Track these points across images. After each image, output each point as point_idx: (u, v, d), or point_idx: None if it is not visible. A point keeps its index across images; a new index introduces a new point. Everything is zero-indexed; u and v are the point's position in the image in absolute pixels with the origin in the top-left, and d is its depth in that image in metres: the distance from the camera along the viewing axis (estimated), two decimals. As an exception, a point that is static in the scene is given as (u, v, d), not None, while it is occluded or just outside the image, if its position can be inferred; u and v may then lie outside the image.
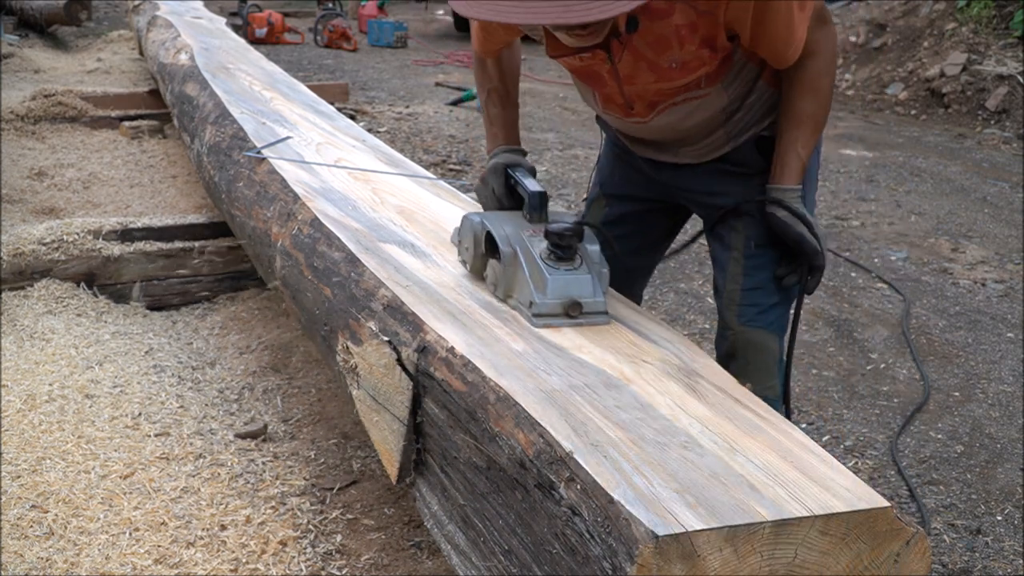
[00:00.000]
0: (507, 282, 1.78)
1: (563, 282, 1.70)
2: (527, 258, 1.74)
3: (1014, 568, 2.43)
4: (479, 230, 1.84)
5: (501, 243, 1.77)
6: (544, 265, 1.71)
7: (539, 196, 1.85)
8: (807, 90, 1.87)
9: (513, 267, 1.76)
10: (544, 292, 1.70)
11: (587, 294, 1.71)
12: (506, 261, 1.77)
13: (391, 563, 2.17)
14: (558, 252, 1.71)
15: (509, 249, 1.76)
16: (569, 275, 1.71)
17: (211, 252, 3.68)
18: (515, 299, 1.76)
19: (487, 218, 1.85)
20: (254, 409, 2.81)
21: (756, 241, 1.98)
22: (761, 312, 2.01)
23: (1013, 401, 3.30)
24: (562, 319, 1.70)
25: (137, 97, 6.52)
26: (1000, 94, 7.85)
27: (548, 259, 1.71)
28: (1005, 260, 4.77)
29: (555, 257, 1.71)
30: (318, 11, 12.29)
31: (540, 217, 1.83)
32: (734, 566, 1.14)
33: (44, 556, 2.08)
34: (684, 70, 1.79)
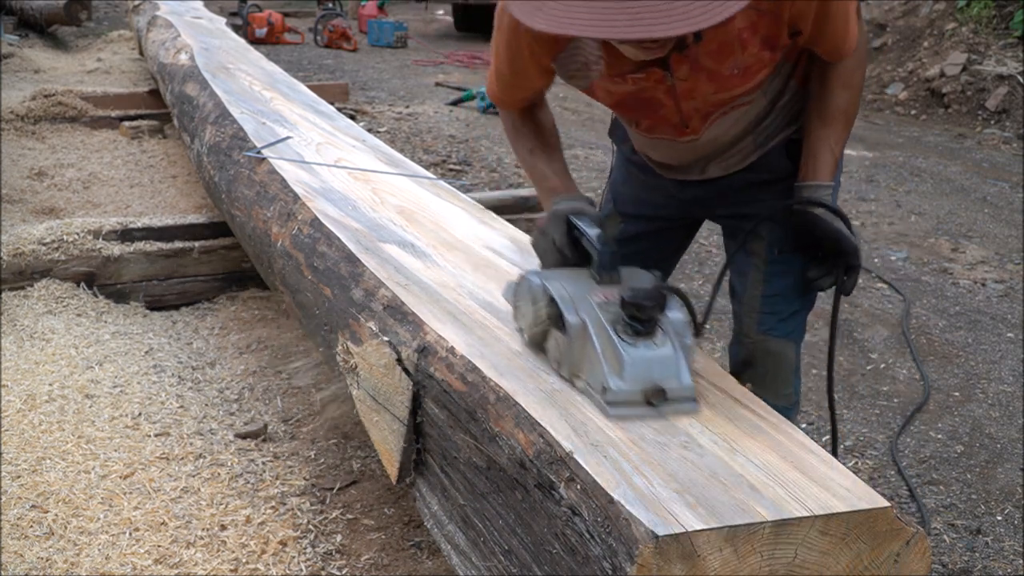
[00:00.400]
0: (574, 360, 1.47)
1: (643, 362, 1.41)
2: (598, 331, 1.44)
3: (1014, 568, 2.43)
4: (539, 294, 1.53)
5: (567, 312, 1.47)
6: (619, 341, 1.41)
7: (610, 253, 1.55)
8: (841, 85, 1.80)
9: (581, 342, 1.45)
10: (620, 375, 1.40)
11: (672, 376, 1.42)
12: (573, 335, 1.46)
13: (391, 563, 2.17)
14: (636, 325, 1.42)
15: (577, 320, 1.46)
16: (650, 353, 1.41)
17: (211, 252, 3.67)
18: (584, 381, 1.46)
19: (549, 279, 1.54)
20: (254, 409, 2.81)
21: (779, 247, 1.93)
22: (781, 320, 1.96)
23: (1013, 401, 3.30)
24: (642, 408, 1.40)
25: (137, 97, 6.52)
26: (1000, 94, 7.85)
27: (624, 332, 1.42)
28: (1005, 260, 4.77)
29: (632, 331, 1.42)
30: (318, 11, 12.30)
31: (611, 278, 1.54)
32: (734, 566, 1.14)
33: (44, 556, 2.08)
34: (745, 75, 1.71)
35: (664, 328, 1.44)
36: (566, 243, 1.65)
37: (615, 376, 1.40)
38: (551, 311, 1.51)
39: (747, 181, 1.95)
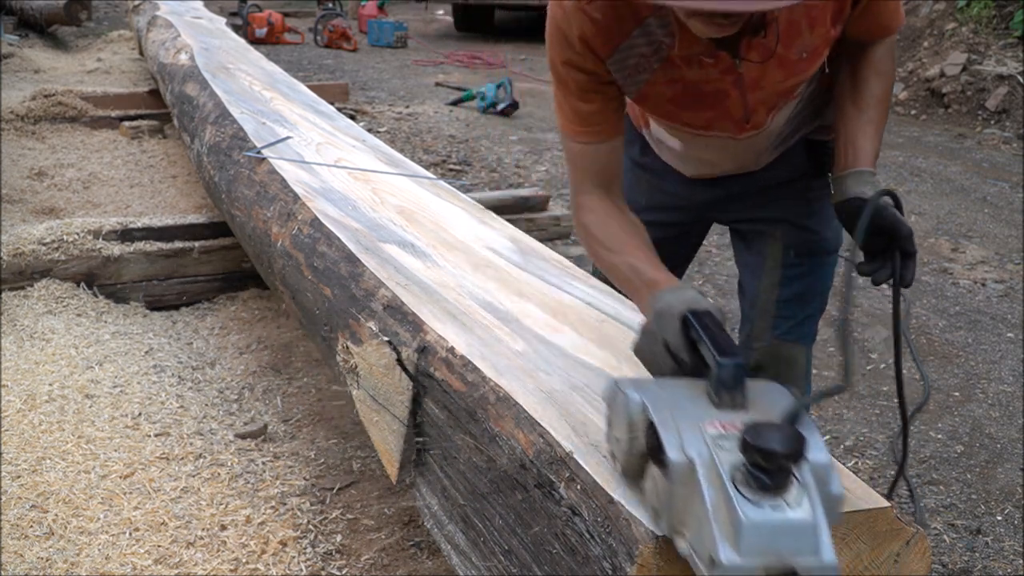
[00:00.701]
0: (675, 510, 1.09)
1: (769, 530, 1.01)
2: (711, 477, 1.06)
3: (1014, 568, 2.43)
4: (638, 417, 1.16)
5: (670, 447, 1.09)
6: (737, 495, 1.03)
7: (733, 369, 1.17)
8: (874, 72, 1.72)
9: (687, 489, 1.07)
10: (736, 545, 1.01)
11: (808, 551, 1.01)
12: (677, 478, 1.08)
13: (391, 563, 2.17)
14: (762, 477, 1.03)
15: (682, 459, 1.08)
16: (779, 516, 1.02)
17: (211, 252, 3.67)
18: (687, 540, 1.08)
19: (651, 396, 1.17)
20: (254, 409, 2.81)
21: (797, 250, 1.89)
22: (797, 324, 1.94)
23: (1013, 401, 3.30)
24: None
25: (137, 97, 6.52)
26: (1000, 94, 7.85)
27: (745, 483, 1.04)
28: (1005, 260, 4.77)
29: (757, 483, 1.03)
30: (318, 11, 12.29)
31: (734, 400, 1.16)
32: (734, 566, 1.14)
33: (44, 556, 2.08)
34: (813, 57, 1.62)
35: (801, 478, 1.04)
36: (683, 347, 1.29)
37: (728, 545, 1.01)
38: (650, 441, 1.15)
39: (762, 183, 1.90)
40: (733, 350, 1.21)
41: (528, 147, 6.60)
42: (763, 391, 1.19)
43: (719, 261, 4.51)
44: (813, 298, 1.95)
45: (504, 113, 7.61)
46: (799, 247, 1.90)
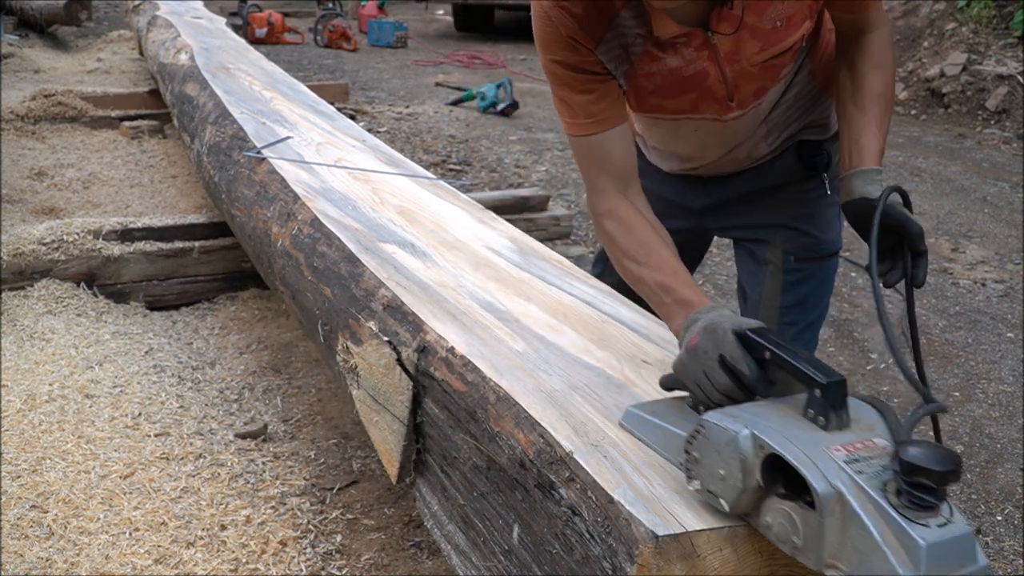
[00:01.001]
0: (828, 544, 1.06)
1: (943, 550, 1.02)
2: (866, 506, 1.04)
3: (1014, 568, 2.43)
4: (750, 450, 1.11)
5: (813, 478, 1.05)
6: (903, 520, 1.02)
7: (840, 387, 1.14)
8: (871, 67, 1.68)
9: (840, 520, 1.05)
10: (917, 568, 1.01)
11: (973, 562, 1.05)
12: (828, 509, 1.05)
13: (391, 563, 2.17)
14: (925, 498, 1.03)
15: (830, 490, 1.05)
16: (947, 535, 1.02)
17: (211, 252, 3.67)
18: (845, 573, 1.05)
19: (759, 426, 1.12)
20: (254, 409, 2.81)
21: (796, 255, 1.88)
22: (800, 331, 1.92)
23: (1013, 401, 3.30)
24: None
25: (137, 97, 6.52)
26: (1000, 94, 7.85)
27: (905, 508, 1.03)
28: (1005, 260, 4.78)
29: (917, 502, 1.03)
30: (318, 11, 12.30)
31: (841, 421, 1.14)
32: (734, 566, 1.14)
33: (44, 556, 2.08)
34: (789, 27, 1.60)
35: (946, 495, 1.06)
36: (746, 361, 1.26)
37: (908, 568, 1.01)
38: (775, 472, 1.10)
39: (757, 186, 1.89)
40: (829, 367, 1.16)
41: (528, 147, 6.60)
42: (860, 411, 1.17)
43: (719, 261, 4.52)
44: (816, 303, 1.94)
45: (504, 113, 7.61)
46: (798, 252, 1.89)
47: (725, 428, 1.13)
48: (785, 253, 1.90)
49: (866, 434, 1.11)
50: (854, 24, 1.70)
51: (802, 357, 1.19)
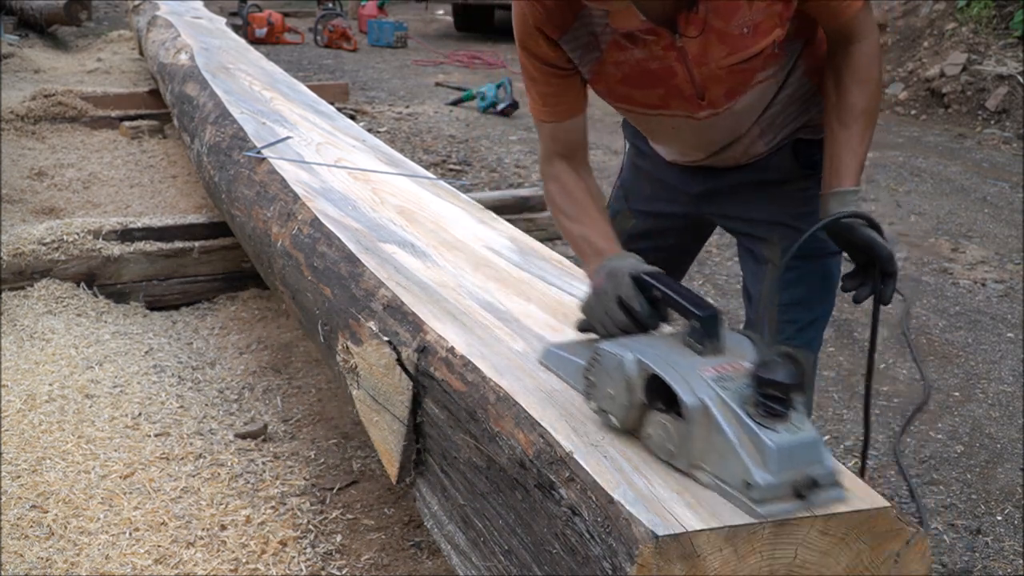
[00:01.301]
0: (695, 449, 1.24)
1: (789, 451, 1.19)
2: (726, 415, 1.21)
3: (1014, 568, 2.43)
4: (634, 371, 1.29)
5: (682, 392, 1.23)
6: (757, 426, 1.19)
7: (714, 318, 1.32)
8: (855, 82, 1.70)
9: (705, 428, 1.22)
10: (766, 467, 1.18)
11: (817, 462, 1.21)
12: (694, 419, 1.22)
13: (391, 563, 2.17)
14: (775, 406, 1.20)
15: (696, 401, 1.22)
16: (794, 438, 1.20)
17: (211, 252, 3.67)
18: (710, 473, 1.23)
19: (643, 351, 1.30)
20: (254, 409, 2.81)
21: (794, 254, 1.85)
22: (800, 329, 1.93)
23: (1013, 401, 3.30)
24: (791, 503, 1.19)
25: (137, 97, 6.52)
26: (1000, 94, 7.85)
27: (759, 417, 1.20)
28: (1005, 260, 4.77)
29: (766, 412, 1.20)
30: (318, 11, 12.29)
31: (716, 347, 1.31)
32: (734, 566, 1.14)
33: (44, 556, 2.08)
34: (757, 33, 1.62)
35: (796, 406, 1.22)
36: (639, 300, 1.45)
37: (760, 469, 1.18)
38: (655, 390, 1.27)
39: (753, 179, 1.91)
40: (707, 303, 1.35)
41: (528, 147, 6.60)
42: (734, 340, 1.34)
43: (719, 261, 4.52)
44: (816, 301, 1.93)
45: (504, 113, 7.61)
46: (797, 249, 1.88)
47: (615, 354, 1.32)
48: (783, 251, 1.89)
49: (736, 359, 1.28)
50: (840, 32, 1.72)
51: (684, 295, 1.38)
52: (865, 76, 1.71)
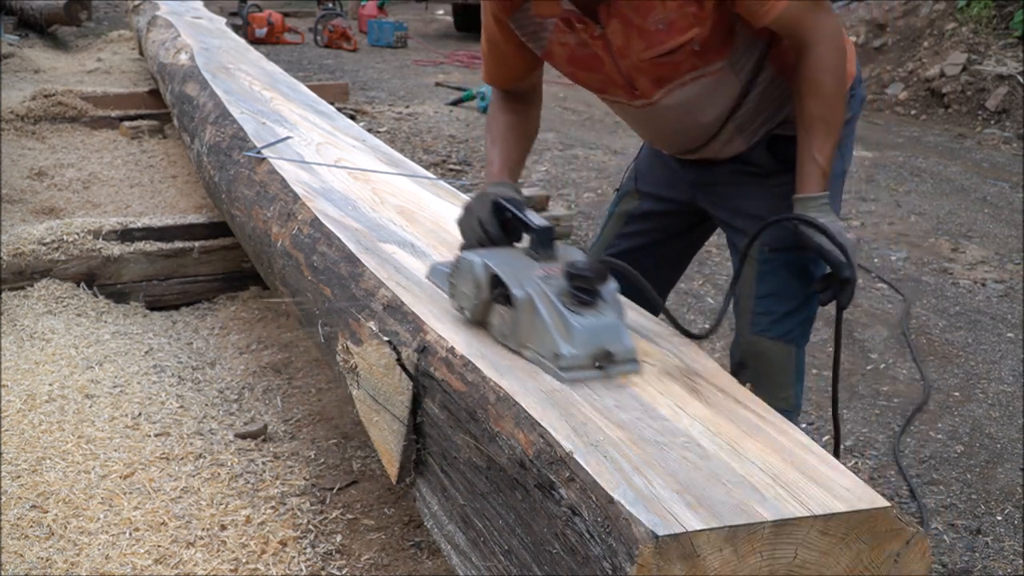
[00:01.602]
0: (522, 332, 1.55)
1: (591, 330, 1.50)
2: (545, 303, 1.52)
3: (1014, 568, 2.43)
4: (481, 272, 1.60)
5: (513, 287, 1.55)
6: (567, 311, 1.51)
7: (547, 231, 1.64)
8: (809, 89, 1.76)
9: (529, 315, 1.53)
10: (571, 342, 1.49)
11: (617, 342, 1.52)
12: (521, 307, 1.54)
13: (391, 563, 2.17)
14: (581, 296, 1.52)
15: (523, 293, 1.54)
16: (597, 321, 1.51)
17: (211, 252, 3.67)
18: (533, 351, 1.54)
19: (490, 258, 1.62)
20: (254, 409, 2.81)
21: (770, 246, 1.91)
22: (775, 321, 1.95)
23: (1013, 401, 3.30)
24: (591, 371, 1.50)
25: (137, 97, 6.52)
26: (1000, 94, 7.85)
27: (570, 304, 1.51)
28: (1005, 260, 4.78)
29: (577, 301, 1.51)
30: (318, 11, 12.30)
31: (549, 254, 1.63)
32: (734, 566, 1.14)
33: (44, 556, 2.08)
34: (672, 30, 1.70)
35: (604, 297, 1.55)
36: (491, 222, 1.76)
37: (566, 343, 1.50)
38: (495, 287, 1.59)
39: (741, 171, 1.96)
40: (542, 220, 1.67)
41: (528, 147, 6.60)
42: (566, 251, 1.66)
43: (719, 261, 4.52)
44: (790, 294, 1.95)
45: (504, 113, 7.60)
46: (772, 243, 1.90)
47: (468, 259, 1.64)
48: (761, 244, 1.92)
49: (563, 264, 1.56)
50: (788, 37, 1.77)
51: (527, 216, 1.68)
52: (814, 87, 1.75)
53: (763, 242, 1.91)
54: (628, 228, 2.18)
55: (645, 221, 2.14)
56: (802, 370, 2.02)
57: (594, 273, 1.52)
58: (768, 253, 1.93)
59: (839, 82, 1.78)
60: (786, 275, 1.94)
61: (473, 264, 1.62)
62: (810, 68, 1.75)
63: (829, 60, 1.76)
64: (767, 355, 1.96)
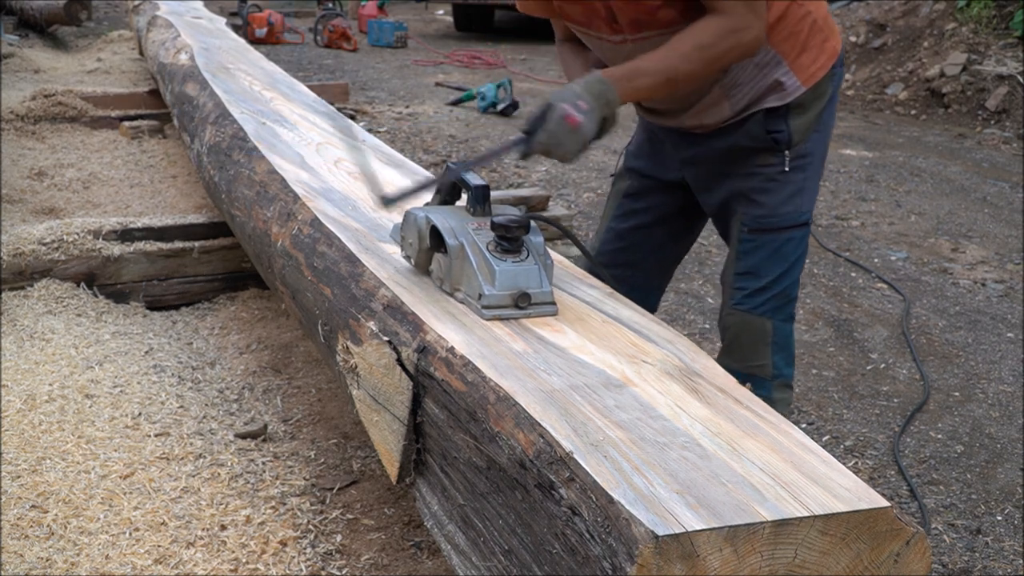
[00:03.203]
0: (454, 275, 1.79)
1: (511, 273, 1.72)
2: (474, 251, 1.75)
3: (1014, 568, 2.43)
4: (423, 224, 1.83)
5: (447, 236, 1.77)
6: (491, 257, 1.73)
7: (482, 189, 1.85)
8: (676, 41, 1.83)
9: (460, 260, 1.77)
10: (493, 284, 1.72)
11: (535, 285, 1.74)
12: (453, 254, 1.77)
13: (391, 563, 2.17)
14: (504, 244, 1.73)
15: (456, 242, 1.77)
16: (517, 267, 1.73)
17: (211, 252, 3.67)
18: (463, 292, 1.78)
19: (431, 212, 1.85)
20: (254, 409, 2.81)
21: (750, 227, 2.03)
22: (748, 295, 2.07)
23: (1013, 401, 3.30)
24: (511, 310, 1.72)
25: (137, 97, 6.52)
26: (1000, 94, 7.85)
27: (495, 251, 1.73)
28: (1005, 260, 4.78)
29: (502, 249, 1.73)
30: (318, 11, 12.29)
31: (484, 210, 1.82)
32: (734, 566, 1.14)
33: (44, 556, 2.08)
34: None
35: (529, 248, 1.76)
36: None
37: (488, 285, 1.72)
38: (433, 237, 1.81)
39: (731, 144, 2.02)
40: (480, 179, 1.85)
41: (528, 147, 6.60)
42: (502, 209, 1.83)
43: (718, 261, 4.52)
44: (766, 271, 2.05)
45: (504, 113, 7.61)
46: (752, 223, 2.02)
47: (413, 214, 1.87)
48: (741, 224, 2.04)
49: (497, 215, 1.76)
50: None
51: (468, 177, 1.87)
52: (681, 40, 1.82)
53: (743, 223, 2.04)
54: (625, 207, 2.27)
55: (639, 199, 2.23)
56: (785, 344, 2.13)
57: (516, 223, 1.72)
58: (748, 233, 2.05)
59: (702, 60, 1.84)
60: (763, 254, 2.05)
61: (417, 218, 1.86)
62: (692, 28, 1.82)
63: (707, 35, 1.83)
64: (743, 326, 2.10)
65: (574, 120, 1.81)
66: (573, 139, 1.83)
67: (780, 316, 2.10)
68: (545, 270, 1.77)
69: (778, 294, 2.09)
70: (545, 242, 1.84)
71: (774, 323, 2.09)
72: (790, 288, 2.11)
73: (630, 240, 2.27)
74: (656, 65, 1.84)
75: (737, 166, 2.03)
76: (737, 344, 2.12)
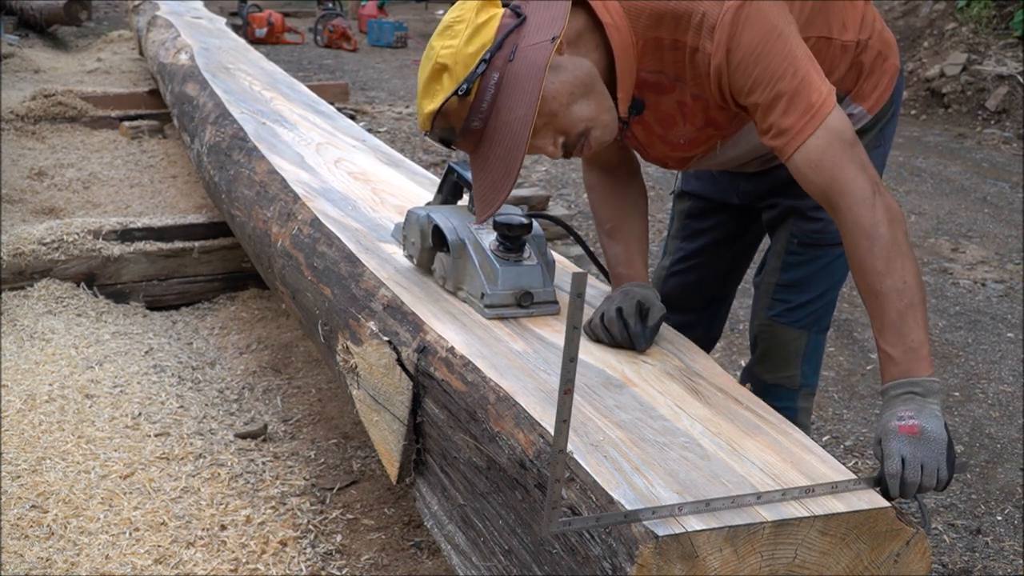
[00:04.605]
0: (457, 274, 1.81)
1: (514, 273, 1.74)
2: (476, 250, 1.77)
3: (1014, 568, 2.43)
4: (425, 224, 1.85)
5: (449, 235, 1.79)
6: (494, 256, 1.74)
7: None
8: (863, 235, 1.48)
9: (462, 259, 1.78)
10: (495, 283, 1.73)
11: (537, 284, 1.75)
12: (455, 253, 1.79)
13: (391, 563, 2.17)
14: (507, 244, 1.74)
15: (458, 241, 1.78)
16: (519, 266, 1.74)
17: (211, 252, 3.67)
18: (465, 291, 1.79)
19: (433, 212, 1.86)
20: (254, 409, 2.81)
21: (800, 239, 1.97)
22: (789, 309, 2.03)
23: (1013, 401, 3.30)
24: (514, 309, 1.74)
25: (137, 97, 6.51)
26: (1000, 94, 7.85)
27: (497, 251, 1.75)
28: (1005, 260, 4.78)
29: (504, 249, 1.74)
30: (318, 11, 12.29)
31: None
32: (734, 566, 1.14)
33: (44, 556, 2.08)
34: (693, 144, 1.77)
35: (531, 248, 1.77)
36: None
37: (491, 284, 1.73)
38: (436, 237, 1.83)
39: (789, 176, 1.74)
40: None
41: (528, 147, 6.60)
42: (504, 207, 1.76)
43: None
44: (809, 286, 2.01)
45: (504, 113, 7.59)
46: (802, 236, 1.97)
47: (415, 213, 1.89)
48: (791, 236, 1.99)
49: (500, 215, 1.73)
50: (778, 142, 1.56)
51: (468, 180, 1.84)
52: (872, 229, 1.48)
53: (793, 234, 1.98)
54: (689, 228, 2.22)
55: (703, 219, 2.18)
56: (815, 354, 2.09)
57: (519, 224, 1.71)
58: (796, 246, 1.99)
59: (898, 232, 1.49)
60: (811, 269, 2.00)
61: (419, 217, 1.87)
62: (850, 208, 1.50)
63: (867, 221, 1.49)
64: (779, 337, 2.05)
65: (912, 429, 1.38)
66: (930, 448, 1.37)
67: (816, 328, 2.06)
68: (547, 269, 1.78)
69: (819, 308, 2.04)
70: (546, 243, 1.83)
71: (810, 335, 2.05)
72: (831, 303, 2.07)
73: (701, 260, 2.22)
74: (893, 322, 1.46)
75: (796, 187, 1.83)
76: (770, 355, 2.07)
